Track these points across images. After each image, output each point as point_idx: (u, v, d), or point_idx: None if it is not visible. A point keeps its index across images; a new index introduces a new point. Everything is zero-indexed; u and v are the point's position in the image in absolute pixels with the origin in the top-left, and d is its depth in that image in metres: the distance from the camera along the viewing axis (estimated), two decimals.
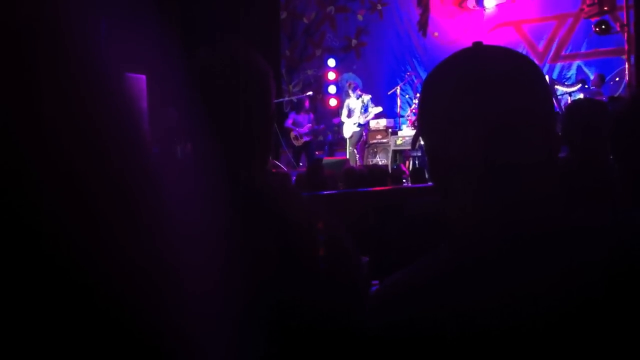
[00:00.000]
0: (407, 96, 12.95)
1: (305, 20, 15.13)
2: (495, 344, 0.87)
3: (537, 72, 1.00)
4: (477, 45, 1.03)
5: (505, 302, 0.88)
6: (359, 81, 13.19)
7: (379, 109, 12.02)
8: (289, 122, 12.23)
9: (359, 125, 12.01)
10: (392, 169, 10.39)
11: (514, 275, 0.90)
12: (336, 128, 13.36)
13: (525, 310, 0.87)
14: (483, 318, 0.88)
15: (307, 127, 12.10)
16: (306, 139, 12.14)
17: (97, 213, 0.33)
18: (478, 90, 0.94)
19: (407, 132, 11.55)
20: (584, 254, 0.89)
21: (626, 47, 11.13)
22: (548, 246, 0.91)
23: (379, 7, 14.39)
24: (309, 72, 15.11)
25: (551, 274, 0.89)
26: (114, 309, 0.33)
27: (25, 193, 0.31)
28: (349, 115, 12.19)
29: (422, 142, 1.06)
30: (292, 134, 12.15)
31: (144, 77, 6.78)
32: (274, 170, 7.39)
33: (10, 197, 0.31)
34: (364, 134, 12.09)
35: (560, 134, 1.01)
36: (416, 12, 13.91)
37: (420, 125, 1.04)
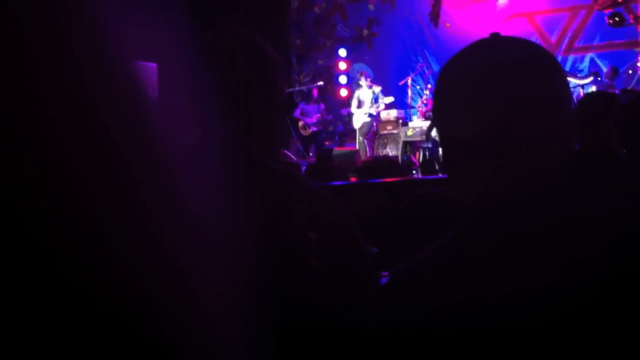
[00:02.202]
0: (418, 87, 12.93)
1: (316, 10, 15.11)
2: (496, 338, 0.87)
3: (554, 62, 1.01)
4: (495, 35, 1.05)
5: (507, 297, 0.88)
6: (370, 71, 13.18)
7: (391, 99, 12.03)
8: (297, 112, 12.26)
9: (370, 115, 12.02)
10: (402, 160, 10.40)
11: (516, 269, 0.90)
12: (347, 118, 13.37)
13: (526, 305, 0.87)
14: (484, 314, 0.88)
15: (315, 117, 12.13)
16: (314, 129, 12.16)
17: (102, 209, 0.32)
18: (492, 76, 0.95)
19: (417, 123, 11.54)
20: (586, 247, 0.89)
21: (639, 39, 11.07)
22: (551, 239, 0.91)
23: None
24: (320, 62, 15.11)
25: (554, 267, 0.89)
26: (119, 309, 0.33)
27: (25, 188, 0.30)
28: (359, 106, 12.21)
29: (434, 134, 1.08)
30: (300, 124, 12.19)
31: (154, 65, 6.78)
32: (283, 160, 7.41)
33: (9, 194, 0.30)
34: (374, 124, 12.10)
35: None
36: (428, 3, 13.88)
37: (435, 112, 1.05)
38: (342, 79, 14.56)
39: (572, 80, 10.49)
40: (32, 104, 0.31)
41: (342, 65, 14.64)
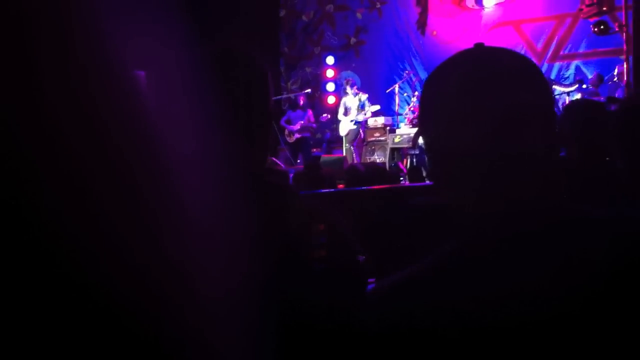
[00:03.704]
0: (405, 94, 12.93)
1: (304, 18, 15.10)
2: (494, 338, 0.87)
3: (538, 71, 1.02)
4: (479, 46, 1.05)
5: (504, 296, 0.89)
6: (357, 79, 13.18)
7: (377, 107, 12.04)
8: (283, 120, 12.24)
9: (356, 123, 12.02)
10: (389, 166, 10.38)
11: (514, 270, 0.90)
12: (334, 126, 13.34)
13: (524, 305, 0.88)
14: (481, 313, 0.89)
15: (299, 124, 12.09)
16: (297, 136, 12.12)
17: (103, 210, 0.33)
18: (482, 86, 0.95)
19: (405, 130, 11.53)
20: (584, 247, 0.89)
21: (625, 47, 11.13)
22: (548, 240, 0.91)
23: (378, 5, 14.37)
24: (308, 69, 15.08)
25: (551, 268, 0.89)
26: (120, 309, 0.33)
27: (28, 190, 0.31)
28: (346, 113, 12.19)
29: (421, 142, 1.07)
30: (286, 131, 12.16)
31: (142, 73, 6.75)
32: (271, 168, 7.38)
33: (11, 196, 0.30)
34: (360, 131, 12.09)
35: (558, 133, 1.04)
36: (415, 11, 13.89)
37: (422, 121, 1.05)
38: (330, 87, 14.54)
39: (558, 88, 10.51)
40: (36, 108, 0.31)
41: (330, 73, 14.61)
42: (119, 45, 0.36)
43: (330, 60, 14.62)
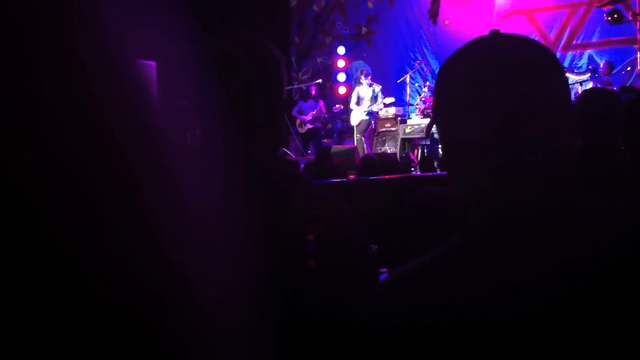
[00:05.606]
0: (416, 84, 12.89)
1: (315, 8, 15.07)
2: (495, 338, 0.87)
3: (554, 62, 0.99)
4: (495, 33, 1.02)
5: (505, 296, 0.88)
6: (369, 69, 13.16)
7: (391, 99, 12.01)
8: (295, 110, 12.24)
9: (369, 113, 12.00)
10: (400, 157, 10.37)
11: (515, 270, 0.90)
12: (345, 116, 13.33)
13: (525, 304, 0.87)
14: (482, 312, 0.88)
15: (310, 114, 12.10)
16: (309, 126, 12.12)
17: (103, 209, 0.33)
18: (494, 78, 0.93)
19: (416, 120, 11.51)
20: (586, 247, 0.89)
21: (638, 36, 11.04)
22: (550, 239, 0.90)
23: None
24: (319, 59, 15.07)
25: (552, 268, 0.88)
26: (121, 309, 0.33)
27: (27, 188, 0.30)
28: (358, 103, 12.17)
29: (433, 131, 1.06)
30: (297, 122, 12.17)
31: (154, 63, 6.75)
32: (283, 158, 7.39)
33: (10, 194, 0.30)
34: (372, 122, 12.07)
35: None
36: (427, 0, 13.84)
37: (435, 112, 1.03)
38: (341, 77, 14.51)
39: (570, 77, 10.45)
40: (35, 104, 0.31)
41: (341, 63, 14.58)
42: (120, 42, 0.35)
43: (341, 50, 14.58)
